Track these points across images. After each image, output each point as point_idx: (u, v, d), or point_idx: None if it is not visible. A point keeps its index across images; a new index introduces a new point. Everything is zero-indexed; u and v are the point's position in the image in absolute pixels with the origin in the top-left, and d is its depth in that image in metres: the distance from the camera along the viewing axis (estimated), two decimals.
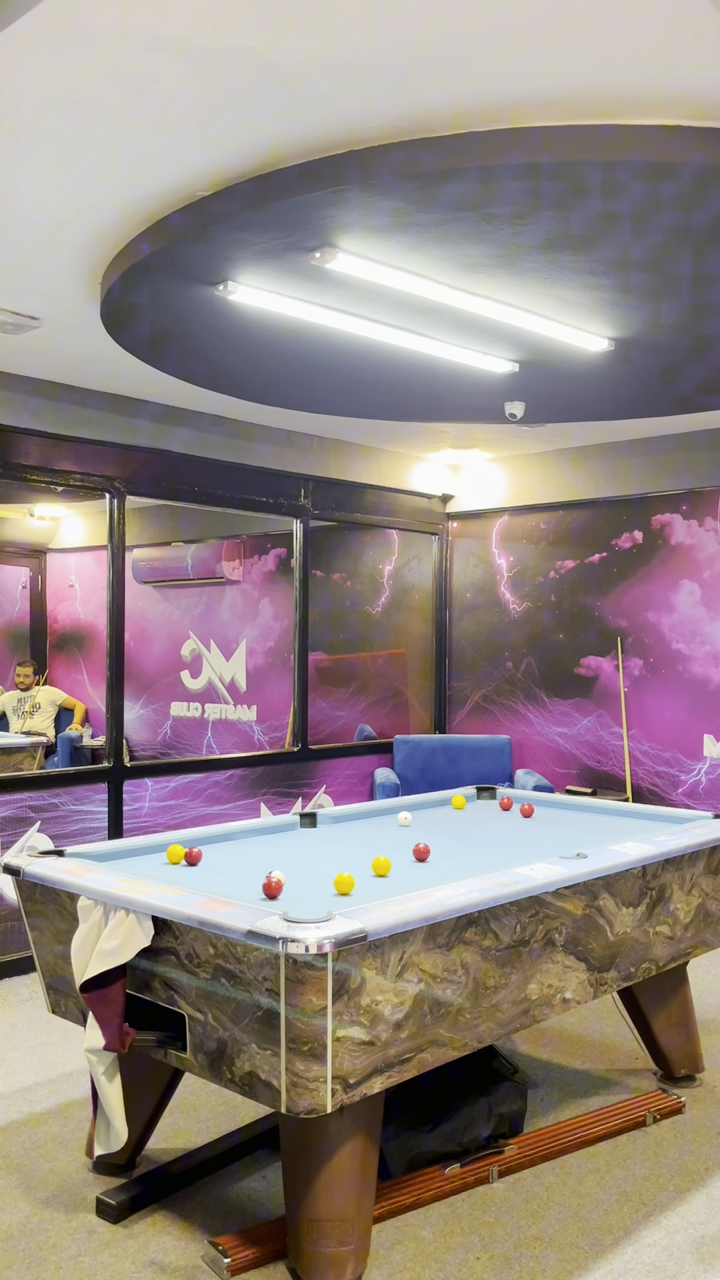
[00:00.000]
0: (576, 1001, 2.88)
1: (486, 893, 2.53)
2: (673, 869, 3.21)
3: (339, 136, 2.59)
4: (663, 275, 3.25)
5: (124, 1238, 2.64)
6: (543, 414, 5.17)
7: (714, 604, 5.77)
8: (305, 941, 2.13)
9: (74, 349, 4.38)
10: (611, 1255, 2.57)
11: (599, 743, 6.21)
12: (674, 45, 2.19)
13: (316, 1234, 2.37)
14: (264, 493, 5.88)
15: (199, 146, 2.66)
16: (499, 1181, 2.91)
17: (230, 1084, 2.33)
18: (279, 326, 3.76)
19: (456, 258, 3.13)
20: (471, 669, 6.86)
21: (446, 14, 2.10)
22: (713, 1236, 2.65)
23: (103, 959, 2.46)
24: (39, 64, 2.29)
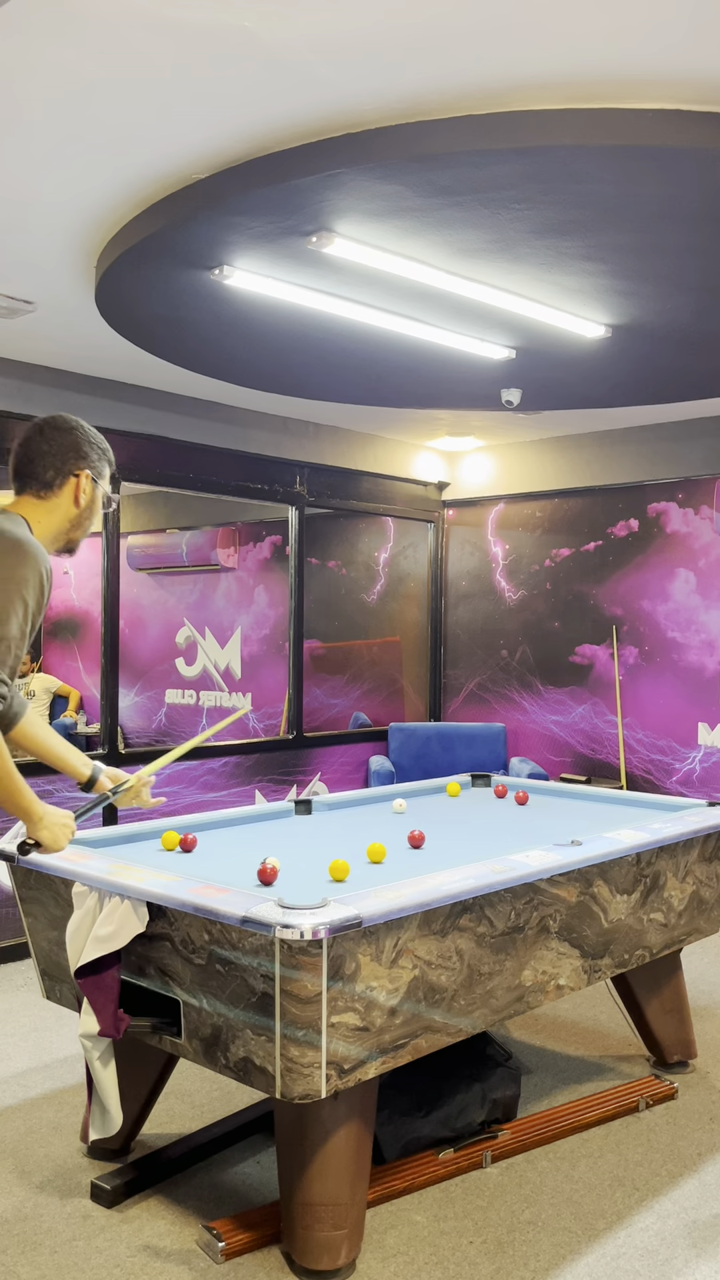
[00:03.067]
0: (570, 988, 2.89)
1: (481, 879, 2.53)
2: (667, 856, 3.22)
3: (336, 119, 2.58)
4: (661, 262, 3.23)
5: (118, 1222, 2.64)
6: (539, 401, 5.16)
7: (709, 592, 5.77)
8: (300, 927, 2.13)
9: (69, 334, 4.35)
10: (604, 1239, 2.58)
11: (594, 731, 6.22)
12: (674, 29, 2.17)
13: (311, 1218, 2.38)
14: (259, 479, 5.86)
15: (195, 129, 2.64)
16: (493, 1166, 2.93)
17: (225, 1069, 2.33)
18: (275, 311, 3.75)
19: (453, 243, 3.11)
20: (466, 657, 6.86)
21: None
22: (705, 1221, 2.67)
23: (98, 945, 2.46)
24: (34, 44, 2.26)
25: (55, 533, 2.29)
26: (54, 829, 2.28)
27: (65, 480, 2.27)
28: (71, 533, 2.32)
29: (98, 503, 2.33)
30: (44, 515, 2.26)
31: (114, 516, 5.21)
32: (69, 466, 2.27)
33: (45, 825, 2.27)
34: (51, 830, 2.28)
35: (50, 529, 2.27)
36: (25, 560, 2.08)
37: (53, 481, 2.26)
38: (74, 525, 2.31)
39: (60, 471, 2.26)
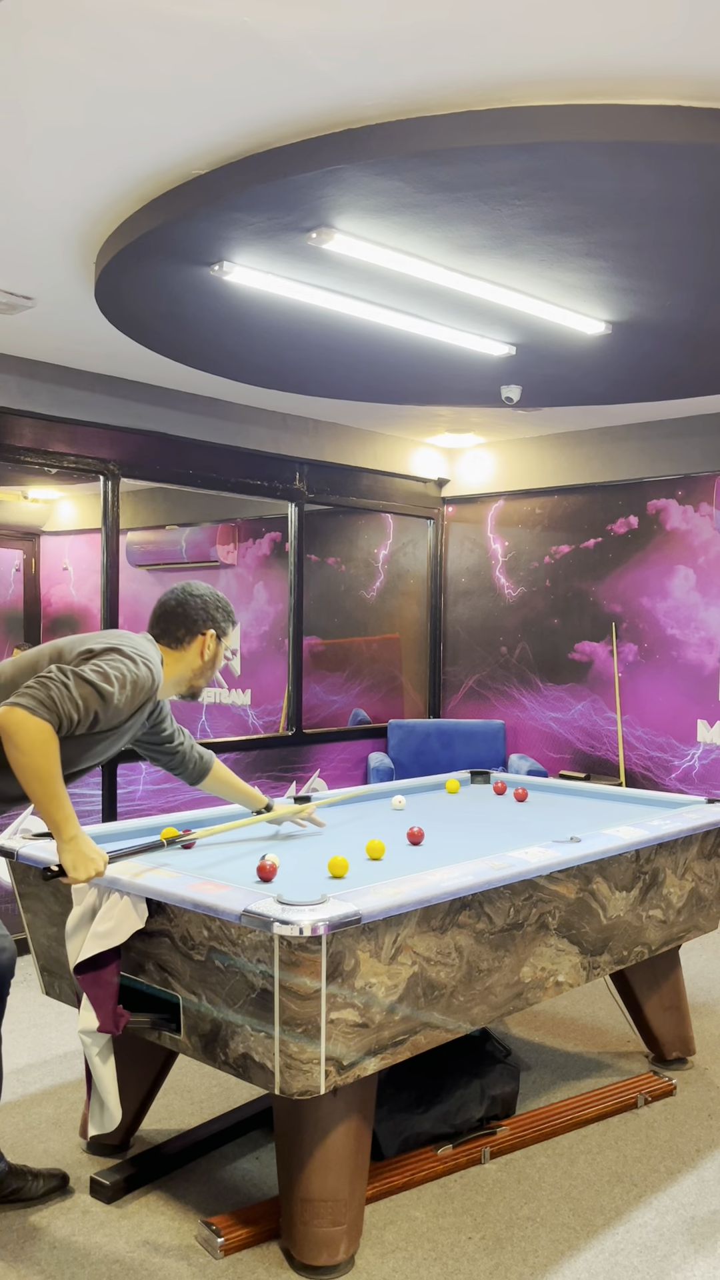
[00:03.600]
0: (569, 985, 2.89)
1: (480, 876, 2.53)
2: (666, 853, 3.22)
3: (336, 115, 2.57)
4: (661, 258, 3.23)
5: (118, 1218, 2.65)
6: (539, 398, 5.15)
7: (709, 590, 5.77)
8: (299, 924, 2.13)
9: (68, 329, 4.35)
10: (603, 1236, 2.59)
11: (593, 728, 6.22)
12: (674, 26, 2.17)
13: (310, 1214, 2.38)
14: (259, 476, 5.86)
15: (195, 124, 2.64)
16: (491, 1162, 2.93)
17: (224, 1066, 2.33)
18: (274, 307, 3.74)
19: (454, 239, 3.11)
20: (466, 654, 6.86)
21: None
22: (703, 1218, 2.67)
23: (97, 941, 2.46)
24: (33, 40, 2.26)
25: (179, 678, 2.71)
26: (79, 856, 2.34)
27: (194, 638, 2.70)
28: (195, 680, 2.75)
29: (219, 657, 2.77)
30: (173, 663, 2.70)
31: (113, 512, 5.21)
32: (198, 628, 2.70)
33: (71, 849, 2.34)
34: (75, 856, 2.34)
35: (175, 674, 2.70)
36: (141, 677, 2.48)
37: (184, 639, 2.70)
38: (197, 674, 2.74)
39: (190, 632, 2.70)
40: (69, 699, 2.32)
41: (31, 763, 2.27)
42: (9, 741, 2.27)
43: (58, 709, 2.30)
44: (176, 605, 2.69)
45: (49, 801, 2.31)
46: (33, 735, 2.26)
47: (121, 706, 2.42)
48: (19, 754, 2.27)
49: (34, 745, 2.26)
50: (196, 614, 2.69)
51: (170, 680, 2.68)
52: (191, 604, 2.68)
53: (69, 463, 5.05)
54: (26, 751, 2.26)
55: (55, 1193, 2.74)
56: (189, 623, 2.68)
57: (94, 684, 2.36)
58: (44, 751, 2.27)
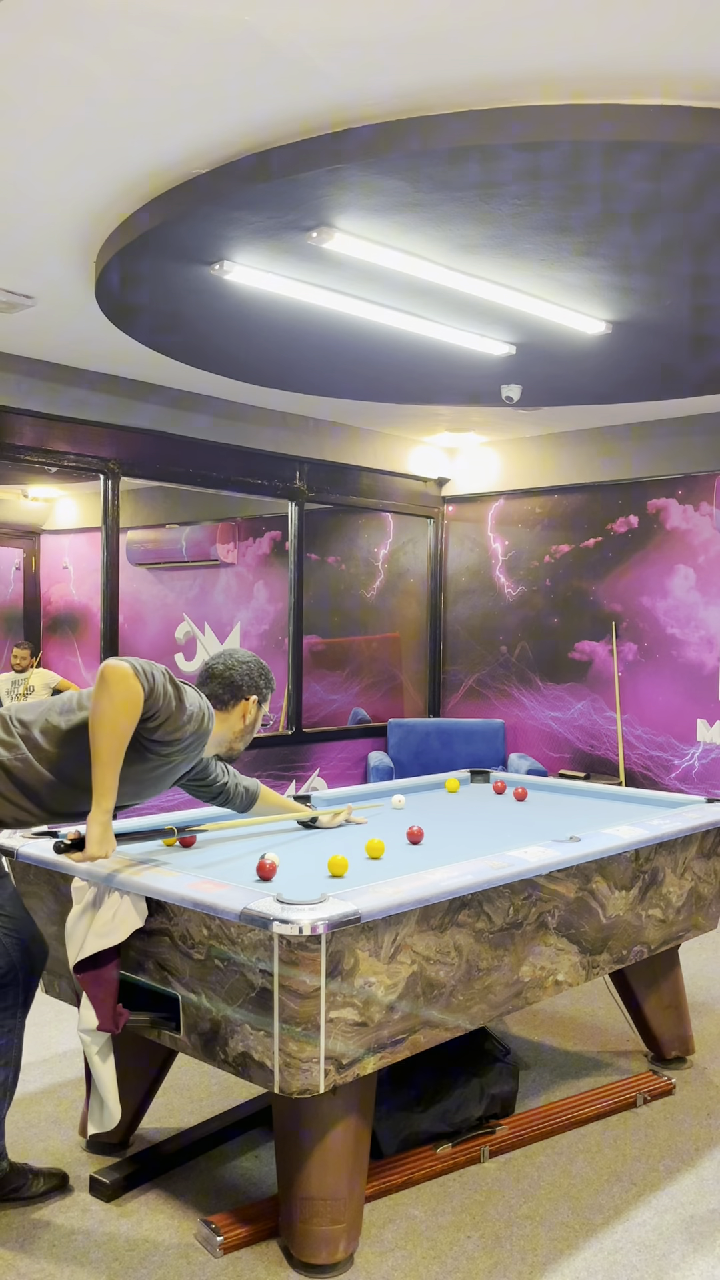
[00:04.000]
0: (569, 984, 2.90)
1: (480, 875, 2.54)
2: (665, 853, 3.22)
3: (336, 114, 2.57)
4: (661, 259, 3.23)
5: (117, 1216, 2.65)
6: (539, 397, 5.15)
7: (709, 589, 5.77)
8: (299, 923, 2.13)
9: (69, 328, 4.35)
10: (602, 1234, 2.59)
11: (592, 727, 6.22)
12: (674, 26, 2.17)
13: (309, 1212, 2.38)
14: (259, 475, 5.86)
15: (196, 123, 2.64)
16: (490, 1161, 2.93)
17: (224, 1064, 2.34)
18: (275, 307, 3.74)
19: (454, 238, 3.11)
20: (466, 653, 6.86)
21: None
22: (702, 1216, 2.68)
23: (97, 940, 2.47)
24: (36, 39, 2.26)
25: (220, 738, 2.80)
26: (105, 831, 2.45)
27: (238, 703, 2.80)
28: (234, 743, 2.85)
29: (258, 721, 2.87)
30: (218, 724, 2.78)
31: (113, 511, 5.21)
32: (242, 693, 2.80)
33: (102, 822, 2.44)
34: (103, 830, 2.44)
35: (217, 734, 2.78)
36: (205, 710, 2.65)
37: (228, 703, 2.79)
38: (237, 737, 2.84)
39: (235, 697, 2.80)
40: (162, 684, 2.47)
41: (114, 716, 2.39)
42: (105, 689, 2.39)
43: (154, 684, 2.45)
44: (224, 670, 2.80)
45: (108, 760, 2.41)
46: (128, 691, 2.39)
47: (185, 727, 2.54)
48: (109, 703, 2.38)
49: (125, 700, 2.39)
50: (242, 680, 2.80)
51: (213, 740, 2.79)
52: (238, 670, 2.81)
53: (69, 461, 5.05)
54: (116, 704, 2.38)
55: (55, 1191, 2.74)
56: (234, 688, 2.79)
57: (177, 689, 2.52)
58: (128, 710, 2.39)
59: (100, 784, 2.43)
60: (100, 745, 2.41)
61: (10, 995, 2.55)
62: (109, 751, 2.41)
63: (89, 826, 2.43)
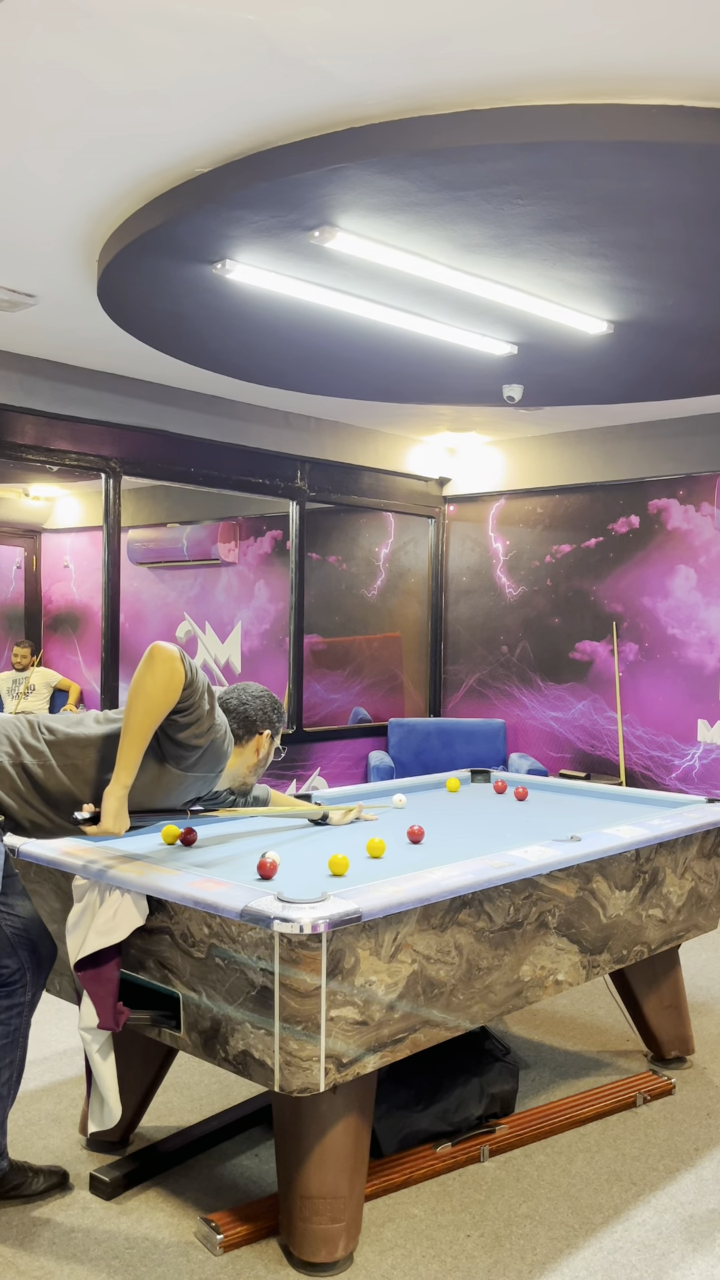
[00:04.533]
0: (569, 983, 2.90)
1: (480, 875, 2.54)
2: (666, 853, 3.22)
3: (339, 114, 2.57)
4: (663, 258, 3.23)
5: (117, 1214, 2.65)
6: (541, 397, 5.16)
7: (710, 589, 5.77)
8: (300, 922, 2.13)
9: (70, 327, 4.35)
10: (601, 1234, 2.59)
11: (593, 727, 6.22)
12: (677, 26, 2.17)
13: (309, 1211, 2.39)
14: (260, 474, 5.86)
15: (198, 122, 2.64)
16: (490, 1160, 2.93)
17: (224, 1063, 2.34)
18: (277, 306, 3.74)
19: (456, 238, 3.11)
20: (467, 652, 6.86)
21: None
22: (702, 1216, 2.68)
23: (98, 938, 2.47)
24: (38, 37, 2.26)
25: (234, 771, 2.81)
26: (122, 806, 2.47)
27: (252, 738, 2.81)
28: (247, 777, 2.86)
29: (270, 755, 2.89)
30: (232, 757, 2.79)
31: (115, 510, 5.21)
32: (256, 727, 2.81)
33: (120, 796, 2.46)
34: (120, 805, 2.46)
35: (231, 768, 2.80)
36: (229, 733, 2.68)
37: (242, 737, 2.79)
38: (250, 771, 2.85)
39: (250, 731, 2.80)
40: (203, 683, 2.49)
41: (154, 690, 2.41)
42: (150, 664, 2.41)
43: (195, 677, 2.47)
44: (239, 705, 2.81)
45: (137, 735, 2.43)
46: (172, 672, 2.41)
47: (209, 735, 2.55)
48: (151, 678, 2.41)
49: (168, 678, 2.41)
50: (256, 714, 2.81)
51: (226, 773, 2.81)
52: (252, 705, 2.82)
53: (71, 460, 5.05)
54: (158, 679, 2.40)
55: (55, 1189, 2.74)
56: (249, 722, 2.80)
57: (213, 698, 2.55)
58: (168, 689, 2.41)
59: (124, 758, 2.45)
60: (133, 717, 2.43)
61: (18, 994, 2.55)
62: (139, 726, 2.43)
63: (105, 800, 2.45)
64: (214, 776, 2.70)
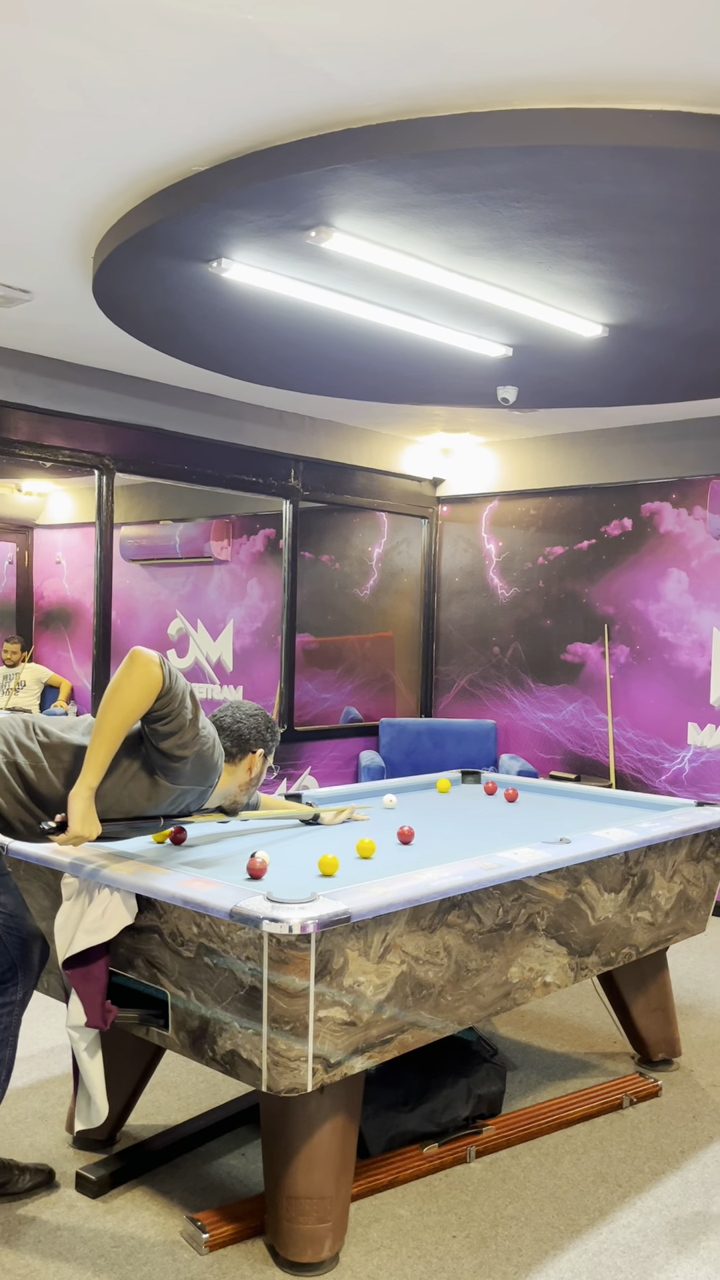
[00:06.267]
0: (557, 985, 2.90)
1: (470, 876, 2.54)
2: (655, 855, 3.23)
3: (337, 114, 2.57)
4: (659, 263, 3.24)
5: (103, 1213, 2.65)
6: (535, 399, 5.16)
7: (701, 593, 5.79)
8: (289, 922, 2.13)
9: (65, 323, 4.34)
10: (587, 1235, 2.60)
11: (584, 729, 6.23)
12: (676, 31, 2.18)
13: (295, 1211, 2.39)
14: (254, 473, 5.86)
15: (195, 121, 2.64)
16: (477, 1162, 2.94)
17: (212, 1062, 2.34)
18: (273, 305, 3.74)
19: (452, 240, 3.11)
20: (458, 653, 6.87)
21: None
22: (687, 1218, 2.69)
23: (86, 936, 2.47)
24: (35, 34, 2.26)
25: (225, 789, 2.81)
26: (89, 808, 2.43)
27: (244, 756, 2.81)
28: (238, 795, 2.85)
29: (263, 774, 2.88)
30: (224, 775, 2.79)
31: (107, 507, 5.21)
32: (250, 746, 2.81)
33: (86, 798, 2.42)
34: (86, 807, 2.42)
35: (223, 785, 2.79)
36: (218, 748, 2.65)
37: (235, 756, 2.80)
38: (242, 789, 2.84)
39: (243, 750, 2.80)
40: (182, 690, 2.48)
41: (127, 691, 2.40)
42: (128, 666, 2.42)
43: (174, 684, 2.46)
44: (232, 724, 2.80)
45: (107, 736, 2.41)
46: (148, 675, 2.40)
47: (193, 746, 2.52)
48: (126, 678, 2.40)
49: (143, 681, 2.40)
50: (249, 733, 2.80)
51: (218, 792, 2.80)
52: (245, 724, 2.81)
53: (64, 456, 5.04)
54: (133, 680, 2.40)
55: (41, 1187, 2.74)
56: (242, 741, 2.79)
57: (197, 708, 2.53)
58: (143, 691, 2.40)
59: (91, 758, 2.42)
60: (105, 718, 2.41)
61: (9, 993, 2.54)
62: (110, 727, 2.41)
63: (71, 802, 2.40)
64: (206, 791, 2.68)
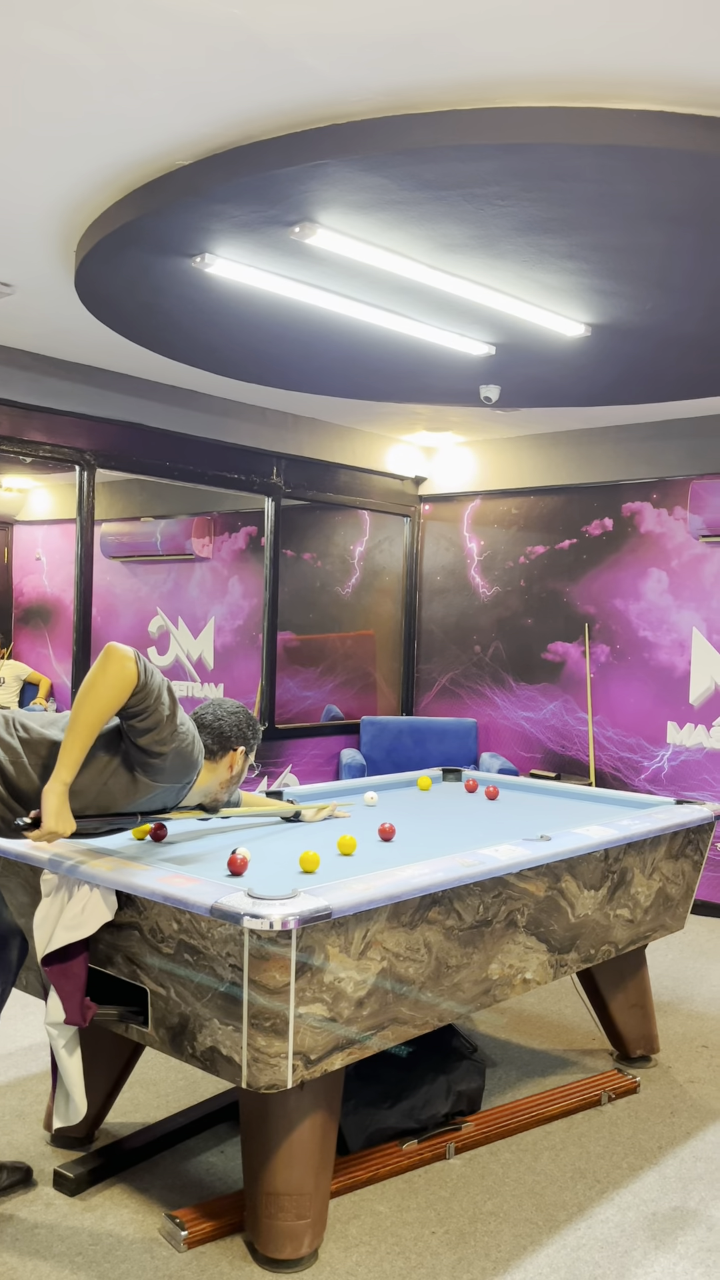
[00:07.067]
0: (537, 982, 2.91)
1: (450, 873, 2.55)
2: (634, 853, 3.25)
3: (322, 110, 2.57)
4: (641, 263, 3.25)
5: (81, 1210, 2.64)
6: (517, 398, 5.17)
7: (681, 593, 5.82)
8: (269, 918, 2.13)
9: (47, 318, 4.32)
10: (565, 1231, 2.61)
11: (564, 728, 6.25)
12: (659, 31, 2.18)
13: (274, 1208, 2.39)
14: (236, 470, 5.84)
15: (180, 114, 2.63)
16: (456, 1158, 2.94)
17: (191, 1059, 2.33)
18: (256, 301, 3.73)
19: (436, 237, 3.11)
20: (440, 652, 6.88)
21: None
22: (664, 1214, 2.70)
23: (65, 933, 2.45)
24: (18, 25, 2.24)
25: (206, 787, 2.81)
26: (63, 804, 2.42)
27: (226, 754, 2.81)
28: (219, 793, 2.85)
29: (244, 771, 2.88)
30: (205, 773, 2.80)
31: (88, 503, 5.18)
32: (231, 744, 2.81)
33: (60, 794, 2.41)
34: (60, 802, 2.41)
35: (204, 783, 2.80)
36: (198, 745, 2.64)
37: (216, 753, 2.80)
38: (222, 786, 2.85)
39: (224, 747, 2.81)
40: (158, 685, 2.48)
41: (102, 687, 2.41)
42: (102, 662, 2.43)
43: (149, 680, 2.46)
44: (214, 721, 2.81)
45: (81, 731, 2.42)
46: (123, 671, 2.41)
47: (171, 743, 2.52)
48: (100, 674, 2.41)
49: (117, 677, 2.41)
50: (231, 731, 2.81)
51: (198, 789, 2.80)
52: (227, 721, 2.82)
53: (45, 452, 5.01)
54: (107, 676, 2.41)
55: (18, 1185, 2.72)
56: (224, 739, 2.80)
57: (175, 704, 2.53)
58: (117, 687, 2.41)
59: (66, 753, 2.42)
60: (79, 713, 2.42)
61: None
62: (84, 722, 2.41)
63: (45, 798, 2.40)
64: (185, 788, 2.68)
